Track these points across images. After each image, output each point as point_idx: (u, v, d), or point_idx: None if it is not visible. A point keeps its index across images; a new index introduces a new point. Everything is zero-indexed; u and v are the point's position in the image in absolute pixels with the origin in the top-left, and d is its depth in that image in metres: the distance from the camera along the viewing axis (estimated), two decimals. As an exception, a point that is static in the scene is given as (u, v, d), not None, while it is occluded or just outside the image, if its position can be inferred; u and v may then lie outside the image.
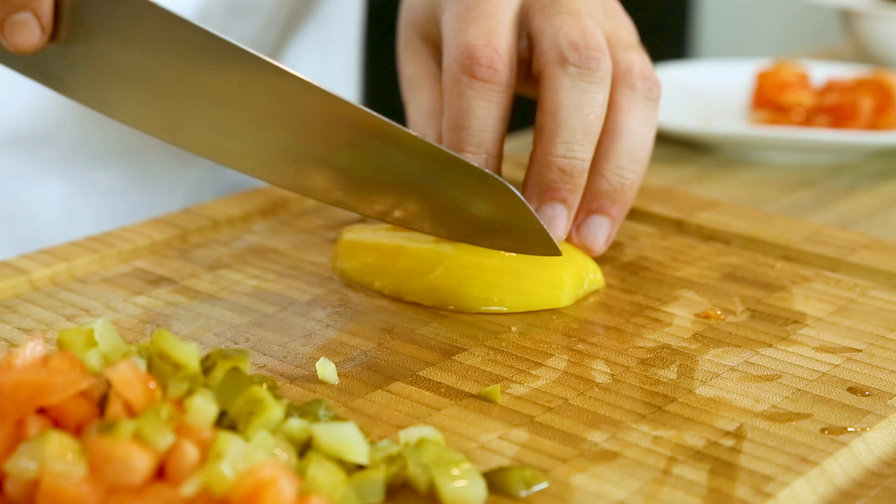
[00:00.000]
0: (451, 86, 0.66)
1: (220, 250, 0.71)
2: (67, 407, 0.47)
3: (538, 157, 0.66)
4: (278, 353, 0.60)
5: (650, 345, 0.61)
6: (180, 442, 0.45)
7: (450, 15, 0.68)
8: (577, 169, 0.65)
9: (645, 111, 0.68)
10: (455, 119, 0.66)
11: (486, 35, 0.66)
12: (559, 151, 0.65)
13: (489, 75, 0.65)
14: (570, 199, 0.66)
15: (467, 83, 0.65)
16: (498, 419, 0.54)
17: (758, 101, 1.10)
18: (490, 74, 0.65)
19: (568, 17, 0.67)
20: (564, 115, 0.65)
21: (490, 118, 0.66)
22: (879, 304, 0.66)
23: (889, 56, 1.24)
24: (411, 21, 0.74)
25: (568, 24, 0.66)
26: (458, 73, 0.66)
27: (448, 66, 0.66)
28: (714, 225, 0.75)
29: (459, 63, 0.65)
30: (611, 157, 0.67)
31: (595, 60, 0.65)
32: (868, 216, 0.88)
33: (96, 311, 0.64)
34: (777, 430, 0.53)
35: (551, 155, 0.65)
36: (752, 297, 0.66)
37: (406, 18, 0.75)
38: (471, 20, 0.67)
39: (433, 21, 0.71)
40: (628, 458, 0.51)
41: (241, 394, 0.48)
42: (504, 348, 0.60)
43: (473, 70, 0.65)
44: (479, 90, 0.65)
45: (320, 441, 0.48)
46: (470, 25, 0.66)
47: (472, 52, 0.65)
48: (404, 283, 0.65)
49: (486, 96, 0.65)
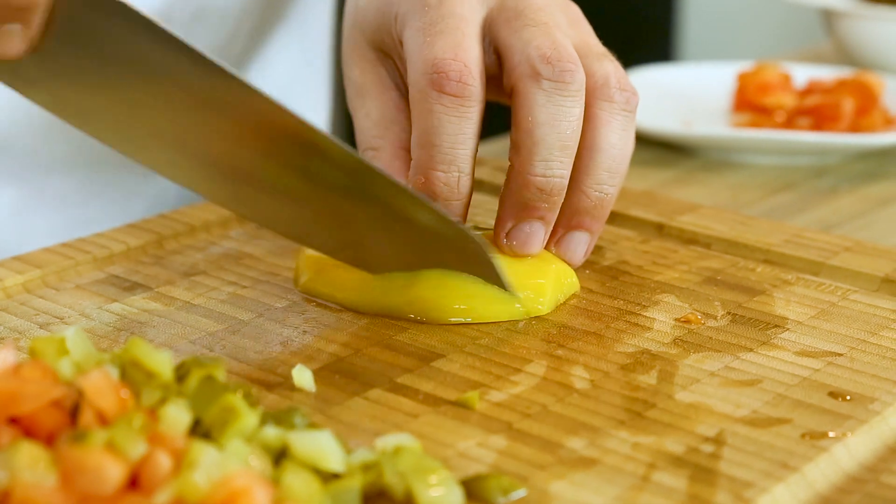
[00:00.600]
0: (419, 102, 0.64)
1: (196, 256, 0.71)
2: (39, 416, 0.46)
3: (515, 175, 0.64)
4: (255, 360, 0.59)
5: (630, 350, 0.60)
6: (153, 451, 0.44)
7: (412, 30, 0.66)
8: (556, 187, 0.64)
9: (623, 123, 0.66)
10: (424, 136, 0.64)
11: (454, 49, 0.64)
12: (537, 170, 0.64)
13: (459, 90, 0.63)
14: (548, 217, 0.65)
15: (437, 98, 0.63)
16: (476, 426, 0.54)
17: (739, 104, 1.10)
18: (460, 89, 0.63)
19: (537, 30, 0.65)
20: (541, 132, 0.63)
21: (461, 134, 0.64)
22: (860, 307, 0.65)
23: (871, 57, 1.24)
24: (360, 25, 0.71)
25: (538, 37, 0.65)
26: (426, 88, 0.64)
27: (415, 81, 0.64)
28: (695, 228, 0.74)
29: (428, 78, 0.64)
30: (590, 172, 0.66)
31: (569, 73, 0.64)
32: (850, 218, 0.88)
33: (70, 319, 0.63)
34: (757, 435, 0.53)
35: (529, 174, 0.64)
36: (733, 301, 0.66)
37: (353, 21, 0.72)
38: (436, 34, 0.65)
39: (386, 31, 0.69)
40: (607, 464, 0.51)
41: (215, 402, 0.47)
42: (482, 354, 0.60)
43: (442, 85, 0.63)
44: (448, 105, 0.63)
45: (296, 449, 0.47)
46: (436, 40, 0.64)
47: (441, 67, 0.63)
48: (379, 298, 0.64)
49: (457, 112, 0.63)
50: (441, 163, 0.64)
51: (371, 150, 0.69)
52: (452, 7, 0.66)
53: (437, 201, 0.64)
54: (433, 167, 0.64)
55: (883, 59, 1.23)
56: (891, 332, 0.62)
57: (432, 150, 0.64)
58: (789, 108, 1.06)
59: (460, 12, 0.66)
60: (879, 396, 0.56)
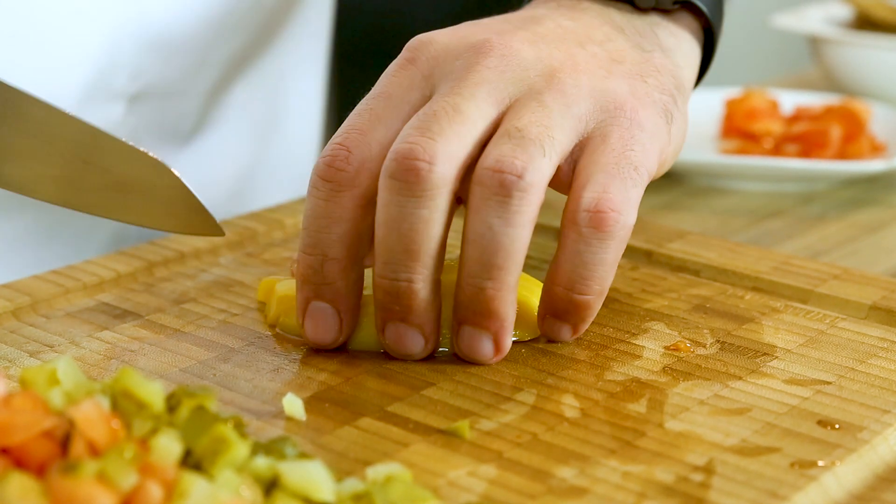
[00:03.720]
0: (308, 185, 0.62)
1: (186, 283, 0.71)
2: (30, 447, 0.46)
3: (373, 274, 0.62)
4: (245, 389, 0.59)
5: (620, 378, 0.61)
6: (144, 482, 0.44)
7: None
8: (402, 291, 0.60)
9: (497, 210, 0.58)
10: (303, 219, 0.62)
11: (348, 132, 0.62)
12: (382, 272, 0.60)
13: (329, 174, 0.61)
14: (413, 319, 0.61)
15: (313, 182, 0.61)
16: (466, 455, 0.54)
17: (727, 130, 1.10)
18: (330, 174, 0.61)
19: (421, 119, 0.60)
20: (381, 232, 0.60)
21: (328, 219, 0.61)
22: (849, 335, 0.65)
23: (858, 84, 1.24)
24: None
25: (411, 129, 0.60)
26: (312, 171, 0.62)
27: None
28: (684, 256, 0.74)
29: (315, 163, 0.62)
30: (462, 264, 0.60)
31: (411, 172, 0.58)
32: (838, 245, 0.89)
33: (60, 347, 0.63)
34: (747, 464, 0.53)
35: (377, 275, 0.60)
36: (722, 328, 0.66)
37: None
38: (350, 116, 0.63)
39: None
40: (598, 493, 0.51)
41: (206, 432, 0.47)
42: (472, 382, 0.60)
43: (318, 168, 0.61)
44: (319, 188, 0.61)
45: (287, 479, 0.47)
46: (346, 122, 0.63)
47: (325, 152, 0.61)
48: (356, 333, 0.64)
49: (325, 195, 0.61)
50: (308, 245, 0.61)
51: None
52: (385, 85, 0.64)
53: (306, 285, 0.62)
54: (302, 249, 0.62)
55: (870, 86, 1.23)
56: (879, 360, 0.63)
57: (302, 233, 0.62)
58: (777, 134, 1.06)
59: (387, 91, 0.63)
60: (868, 425, 0.56)
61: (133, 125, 0.90)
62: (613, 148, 0.62)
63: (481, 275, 0.59)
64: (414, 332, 0.61)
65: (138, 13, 0.86)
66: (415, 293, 0.60)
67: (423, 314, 0.61)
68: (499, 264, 0.59)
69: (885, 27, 1.30)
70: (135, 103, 0.89)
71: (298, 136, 1.06)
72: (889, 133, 1.07)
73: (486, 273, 0.59)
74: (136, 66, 0.87)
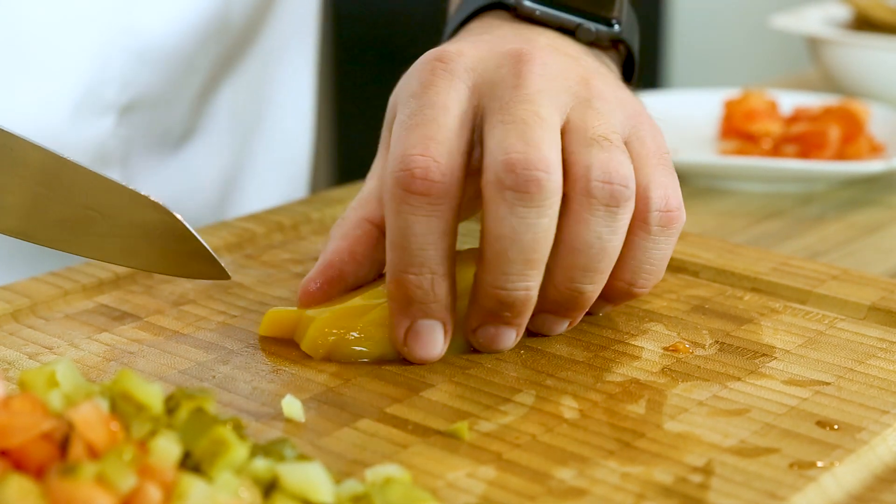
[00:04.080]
0: (387, 202, 0.60)
1: (185, 285, 0.71)
2: (28, 449, 0.46)
3: (479, 283, 0.61)
4: (244, 391, 0.59)
5: (619, 379, 0.61)
6: (143, 484, 0.44)
7: (396, 123, 0.62)
8: (518, 300, 0.60)
9: (605, 219, 0.60)
10: (393, 238, 0.60)
11: (425, 142, 0.59)
12: (498, 283, 0.60)
13: (424, 188, 0.59)
14: (516, 321, 0.62)
15: (403, 198, 0.59)
16: (465, 456, 0.54)
17: (726, 131, 1.10)
18: (424, 187, 0.59)
19: (510, 129, 0.60)
20: (501, 245, 0.59)
21: (431, 234, 0.59)
22: (847, 335, 0.65)
23: (856, 85, 1.24)
24: (386, 122, 0.68)
25: (509, 138, 0.59)
26: (393, 186, 0.59)
27: (384, 179, 0.61)
28: (682, 257, 0.74)
29: (393, 177, 0.59)
30: (563, 267, 0.61)
31: (534, 182, 0.58)
32: (837, 246, 0.89)
33: (59, 349, 0.63)
34: (745, 465, 0.53)
35: (490, 286, 0.60)
36: (721, 329, 0.66)
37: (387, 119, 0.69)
38: (411, 127, 0.60)
39: (388, 124, 0.67)
40: (596, 494, 0.51)
41: (205, 434, 0.47)
42: (471, 384, 0.60)
43: (408, 183, 0.59)
44: (415, 205, 0.59)
45: (286, 481, 0.47)
46: (410, 133, 0.60)
47: (406, 164, 0.59)
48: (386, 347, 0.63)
49: (425, 210, 0.59)
50: (412, 265, 0.60)
51: (340, 220, 0.67)
52: (433, 96, 0.62)
53: (412, 306, 0.61)
54: (404, 269, 0.60)
55: (868, 86, 1.23)
56: (878, 361, 0.63)
57: (402, 253, 0.60)
58: (776, 135, 1.06)
59: (441, 101, 0.62)
60: (867, 426, 0.56)
61: (124, 136, 0.90)
62: (652, 149, 0.64)
63: (584, 280, 0.62)
64: (511, 331, 0.62)
65: (127, 24, 0.86)
66: (530, 300, 0.61)
67: (527, 315, 0.62)
68: (602, 269, 0.62)
69: (883, 28, 1.30)
70: (125, 114, 0.89)
71: (290, 135, 1.06)
72: (888, 134, 1.07)
73: (590, 278, 0.62)
74: (125, 77, 0.87)
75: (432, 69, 0.63)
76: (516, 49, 0.64)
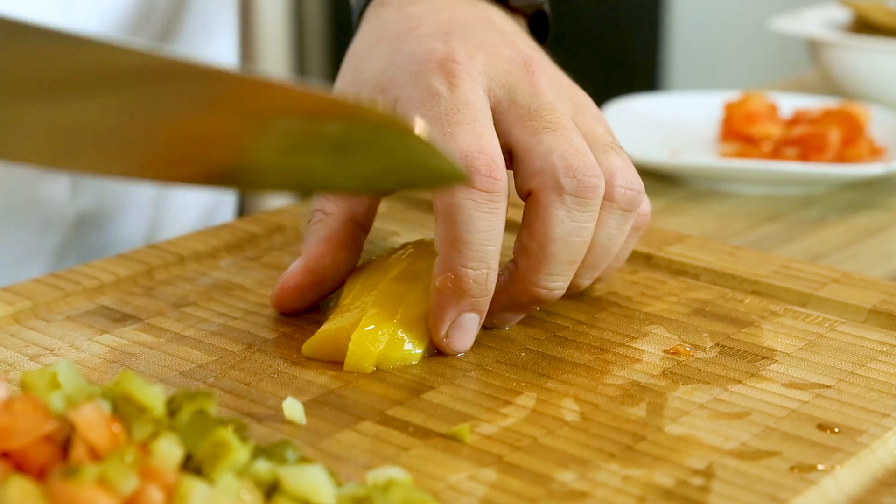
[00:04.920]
0: (446, 197, 0.61)
1: (186, 287, 0.71)
2: (30, 451, 0.46)
3: (519, 279, 0.63)
4: (245, 392, 0.59)
5: (620, 382, 0.61)
6: (145, 486, 0.44)
7: (426, 119, 0.62)
8: (553, 298, 0.64)
9: (619, 222, 0.64)
10: (454, 232, 0.61)
11: (478, 141, 0.61)
12: (542, 282, 0.63)
13: (489, 185, 0.60)
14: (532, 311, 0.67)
15: (467, 193, 0.60)
16: (467, 459, 0.54)
17: (726, 133, 1.10)
18: (490, 184, 0.60)
19: (558, 136, 0.62)
20: (555, 247, 0.62)
21: (492, 231, 0.61)
22: (848, 339, 0.65)
23: (856, 87, 1.24)
24: (354, 93, 0.68)
25: (561, 145, 0.62)
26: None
27: None
28: (683, 259, 0.74)
29: None
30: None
31: (591, 189, 0.61)
32: (837, 249, 0.89)
33: (60, 351, 0.63)
34: (746, 468, 0.53)
35: (533, 284, 0.63)
36: (722, 332, 0.66)
37: (347, 85, 0.69)
38: (456, 124, 0.62)
39: None
40: (598, 497, 0.51)
41: (207, 436, 0.47)
42: (472, 386, 0.60)
43: (474, 179, 0.60)
44: (479, 201, 0.60)
45: (287, 484, 0.47)
46: (457, 130, 0.61)
47: (470, 161, 0.60)
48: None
49: (487, 207, 0.60)
50: (472, 260, 0.61)
51: (321, 213, 0.67)
52: (465, 96, 0.63)
53: (464, 300, 0.62)
54: (463, 264, 0.61)
55: (868, 89, 1.23)
56: (878, 364, 0.63)
57: (462, 247, 0.61)
58: (776, 137, 1.06)
59: (474, 102, 0.63)
60: (867, 429, 0.56)
61: None
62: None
63: (586, 275, 0.66)
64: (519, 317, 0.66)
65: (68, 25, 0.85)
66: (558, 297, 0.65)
67: None
68: (601, 265, 0.66)
69: (883, 30, 1.30)
70: None
71: None
72: (888, 136, 1.07)
73: (591, 273, 0.66)
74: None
75: (450, 70, 0.64)
76: (517, 53, 0.66)
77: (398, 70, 0.66)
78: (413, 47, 0.66)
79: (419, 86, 0.64)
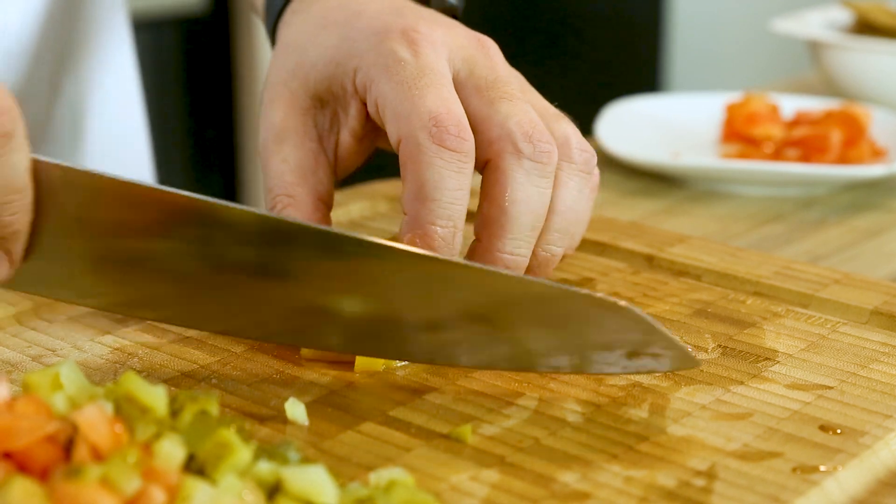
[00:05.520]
0: (415, 156, 0.62)
1: (188, 288, 0.71)
2: (33, 451, 0.46)
3: (483, 250, 0.64)
4: (247, 393, 0.59)
5: (622, 383, 0.61)
6: (147, 486, 0.44)
7: (390, 83, 0.64)
8: (520, 265, 0.64)
9: (579, 184, 0.66)
10: (422, 190, 0.62)
11: (446, 103, 0.63)
12: (507, 248, 0.64)
13: (457, 144, 0.62)
14: None
15: (437, 152, 0.62)
16: (469, 459, 0.54)
17: (728, 134, 1.10)
18: (458, 144, 0.62)
19: (513, 105, 0.65)
20: (516, 210, 0.63)
21: (459, 189, 0.62)
22: (850, 340, 0.65)
23: (858, 88, 1.24)
24: (303, 73, 0.69)
25: (518, 113, 0.64)
26: (425, 141, 0.62)
27: (410, 134, 0.62)
28: (685, 260, 0.74)
29: (427, 131, 0.62)
30: (542, 232, 0.65)
31: (546, 154, 0.64)
32: (838, 250, 0.89)
33: (63, 351, 0.63)
34: (749, 469, 0.53)
35: (499, 251, 0.64)
36: (724, 333, 0.66)
37: (292, 69, 0.69)
38: (424, 87, 0.64)
39: (339, 83, 0.67)
40: (600, 498, 0.51)
41: (209, 437, 0.47)
42: (475, 387, 0.60)
43: (443, 139, 0.62)
44: (448, 160, 0.62)
45: (289, 484, 0.47)
46: (425, 93, 0.63)
47: (440, 121, 0.62)
48: None
49: (456, 166, 0.62)
50: (440, 217, 0.62)
51: (287, 198, 0.67)
52: (430, 62, 0.65)
53: None
54: (432, 221, 0.62)
55: (870, 90, 1.23)
56: (880, 365, 0.63)
57: (432, 205, 0.62)
58: (777, 139, 1.06)
59: (439, 69, 0.65)
60: (870, 430, 0.56)
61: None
62: None
63: (558, 242, 0.66)
64: None
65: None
66: (523, 266, 0.65)
67: None
68: (571, 229, 0.67)
69: (884, 32, 1.30)
70: None
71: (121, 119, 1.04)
72: (889, 138, 1.07)
73: (563, 239, 0.66)
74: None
75: (413, 39, 0.66)
76: (474, 35, 0.69)
77: (354, 43, 0.67)
78: (368, 23, 0.67)
79: (382, 53, 0.65)
